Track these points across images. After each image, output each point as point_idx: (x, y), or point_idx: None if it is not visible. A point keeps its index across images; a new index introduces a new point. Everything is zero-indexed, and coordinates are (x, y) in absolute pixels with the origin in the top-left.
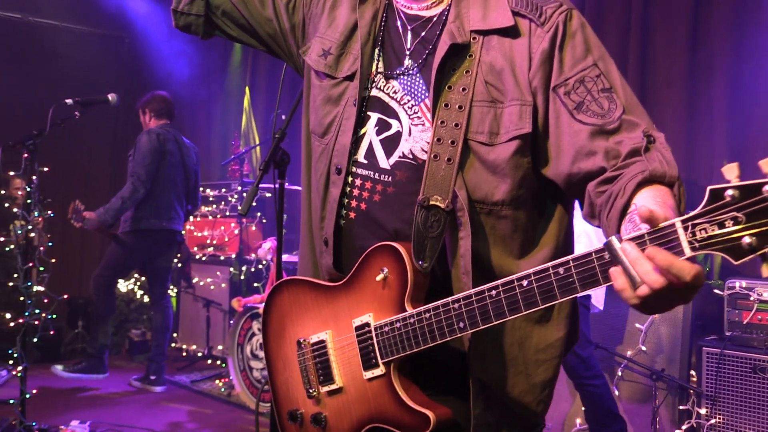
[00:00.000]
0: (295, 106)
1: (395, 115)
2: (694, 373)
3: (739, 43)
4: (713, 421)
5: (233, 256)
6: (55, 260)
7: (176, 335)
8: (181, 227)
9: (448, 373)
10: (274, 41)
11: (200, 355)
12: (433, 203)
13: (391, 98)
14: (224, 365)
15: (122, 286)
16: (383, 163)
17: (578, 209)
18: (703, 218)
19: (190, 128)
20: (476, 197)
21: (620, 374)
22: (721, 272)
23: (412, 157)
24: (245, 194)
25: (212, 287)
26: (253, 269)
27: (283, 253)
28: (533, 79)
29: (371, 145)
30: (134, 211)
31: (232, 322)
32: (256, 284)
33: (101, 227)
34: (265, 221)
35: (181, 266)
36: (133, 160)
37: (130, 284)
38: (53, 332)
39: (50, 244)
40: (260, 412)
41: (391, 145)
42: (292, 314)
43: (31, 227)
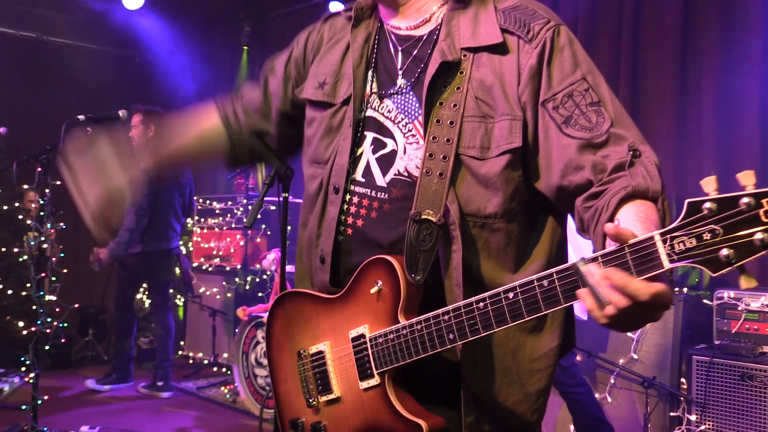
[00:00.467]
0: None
1: (390, 134)
2: (684, 380)
3: (725, 61)
4: (703, 427)
5: (238, 266)
6: (66, 270)
7: (183, 343)
8: (178, 242)
9: (441, 383)
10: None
11: (206, 362)
12: (425, 217)
13: (385, 118)
14: (229, 372)
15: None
16: (380, 181)
17: None
18: (681, 231)
19: None
20: (469, 211)
21: (613, 382)
22: (709, 283)
23: (407, 174)
24: (250, 207)
25: (218, 297)
26: (257, 279)
27: (286, 264)
28: (522, 94)
29: (368, 164)
30: (133, 237)
31: (237, 330)
32: (260, 294)
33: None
34: (269, 233)
35: (180, 276)
36: None
37: (138, 294)
38: (64, 340)
39: (62, 255)
40: (264, 418)
41: (386, 163)
42: (293, 326)
43: (43, 239)
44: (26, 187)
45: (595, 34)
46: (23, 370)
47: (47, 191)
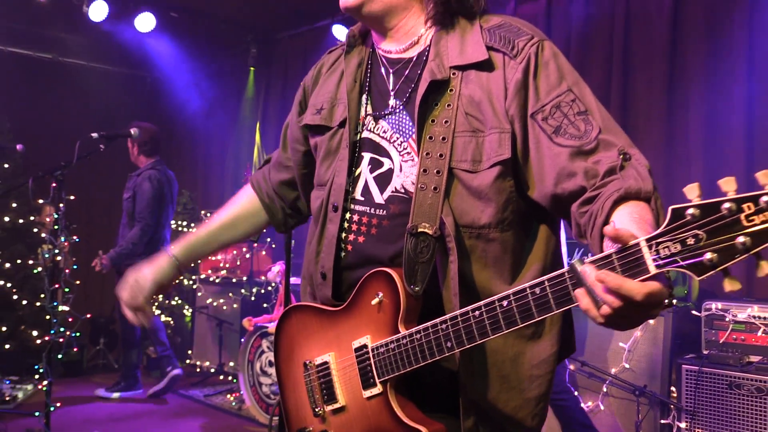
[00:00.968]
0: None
1: (386, 153)
2: (674, 389)
3: (711, 82)
4: None
5: (244, 278)
6: (79, 282)
7: (190, 352)
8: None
9: (441, 391)
10: None
11: (213, 371)
12: (421, 230)
13: (381, 138)
14: (235, 381)
15: None
16: (378, 198)
17: None
18: (666, 237)
19: (205, 159)
20: (464, 222)
21: (605, 390)
22: (698, 295)
23: (403, 191)
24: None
25: (224, 308)
26: (262, 291)
27: (291, 276)
28: (509, 107)
29: (366, 183)
30: (137, 249)
31: (243, 340)
32: (265, 305)
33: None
34: (274, 246)
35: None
36: (132, 202)
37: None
38: (76, 349)
39: (75, 267)
40: (272, 426)
41: (384, 181)
42: (299, 338)
43: (57, 251)
44: (41, 201)
45: (586, 56)
46: (37, 377)
47: (61, 206)
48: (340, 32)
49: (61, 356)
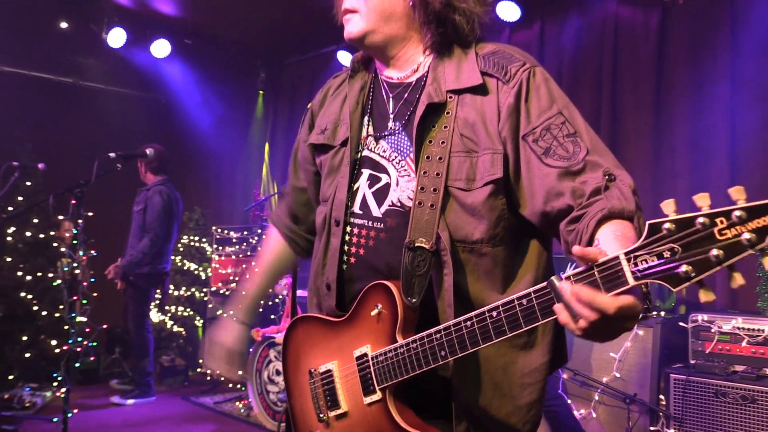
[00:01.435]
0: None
1: (384, 170)
2: (663, 397)
3: (696, 103)
4: None
5: None
6: (96, 294)
7: (201, 361)
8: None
9: (437, 398)
10: None
11: (222, 379)
12: (418, 245)
13: (381, 156)
14: (244, 389)
15: (154, 317)
16: (375, 212)
17: None
18: (643, 250)
19: (216, 177)
20: (458, 237)
21: (597, 398)
22: (686, 307)
23: (399, 205)
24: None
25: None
26: (270, 303)
27: (297, 288)
28: (502, 130)
29: (364, 197)
30: (147, 259)
31: (251, 350)
32: (272, 316)
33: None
34: None
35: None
36: (143, 215)
37: (161, 316)
38: (93, 358)
39: (92, 279)
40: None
41: (381, 195)
42: (305, 347)
43: (76, 264)
44: (61, 217)
45: (578, 80)
46: (55, 385)
47: (80, 221)
48: (344, 58)
49: (78, 364)
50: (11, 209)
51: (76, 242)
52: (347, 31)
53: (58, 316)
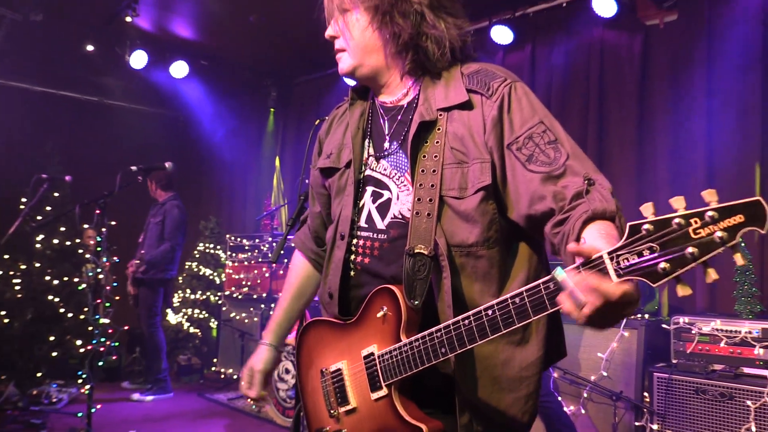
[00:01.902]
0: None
1: (386, 186)
2: (647, 394)
3: (675, 118)
4: None
5: (264, 295)
6: (118, 297)
7: (216, 360)
8: None
9: (440, 394)
10: None
11: (235, 377)
12: (418, 251)
13: (382, 174)
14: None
15: (172, 318)
16: (380, 224)
17: None
18: (625, 249)
19: (230, 188)
20: (455, 242)
21: (586, 396)
22: (669, 310)
23: (401, 217)
24: (275, 244)
25: (246, 321)
26: None
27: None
28: (488, 140)
29: (369, 212)
30: (163, 263)
31: None
32: None
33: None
34: None
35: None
36: (161, 226)
37: (179, 317)
38: (115, 357)
39: (115, 284)
40: (287, 426)
41: (384, 209)
42: (317, 349)
43: (100, 270)
44: (86, 226)
45: (567, 97)
46: (80, 382)
47: (104, 230)
48: (348, 79)
49: (101, 363)
50: (40, 218)
51: (99, 249)
52: (339, 67)
53: (82, 317)
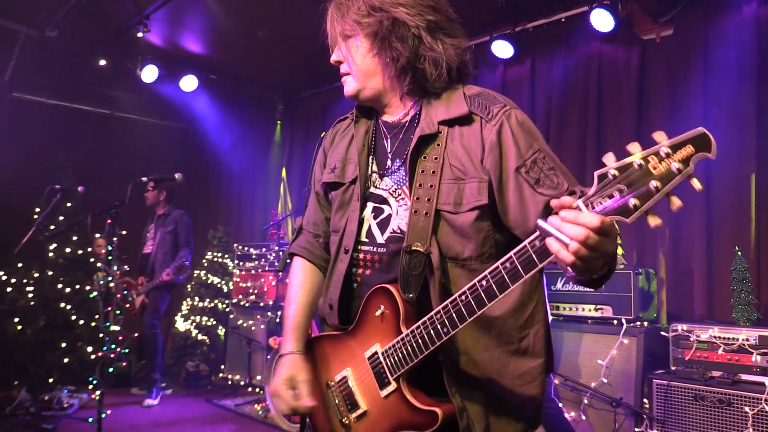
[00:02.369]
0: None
1: (386, 202)
2: (646, 401)
3: (674, 130)
4: None
5: (270, 302)
6: (128, 305)
7: (223, 367)
8: None
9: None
10: None
11: (242, 383)
12: (414, 248)
13: (383, 190)
14: (262, 392)
15: (180, 325)
16: (379, 239)
17: None
18: (596, 195)
19: (237, 199)
20: (450, 255)
21: (587, 402)
22: (667, 318)
23: (399, 231)
24: (281, 253)
25: (253, 328)
26: None
27: None
28: (485, 162)
29: (370, 227)
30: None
31: (269, 356)
32: None
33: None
34: None
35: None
36: (175, 234)
37: (187, 324)
38: (125, 363)
39: (125, 292)
40: (287, 431)
41: (384, 225)
42: (319, 365)
43: (110, 278)
44: (97, 235)
45: (566, 110)
46: (90, 388)
47: (115, 239)
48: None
49: (112, 369)
50: (53, 228)
51: (110, 258)
52: (345, 90)
53: (93, 325)
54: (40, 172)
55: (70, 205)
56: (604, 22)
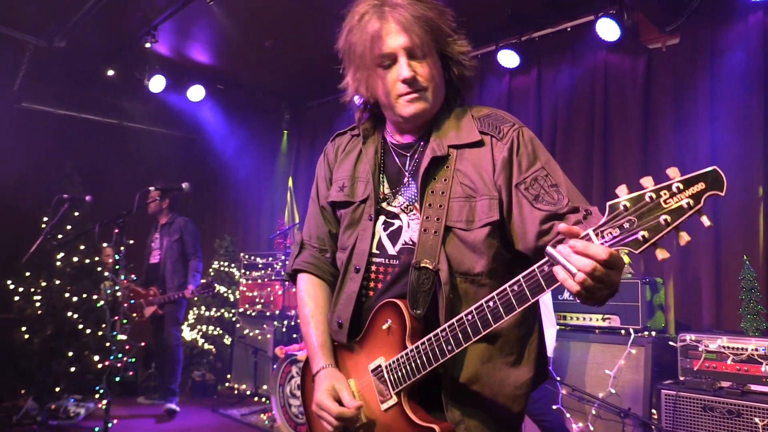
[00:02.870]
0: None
1: (397, 217)
2: (655, 411)
3: (679, 139)
4: None
5: (277, 312)
6: (135, 314)
7: (229, 376)
8: None
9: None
10: None
11: (248, 393)
12: (423, 265)
13: (395, 207)
14: (268, 402)
15: (187, 334)
16: (391, 251)
17: None
18: (607, 225)
19: (244, 208)
20: (461, 270)
21: (594, 413)
22: (675, 327)
23: (411, 243)
24: (288, 262)
25: (259, 338)
26: (293, 323)
27: None
28: (497, 179)
29: (380, 239)
30: (184, 278)
31: (275, 366)
32: (295, 335)
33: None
34: None
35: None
36: (181, 242)
37: (194, 334)
38: (132, 372)
39: (132, 301)
40: None
41: (395, 237)
42: None
43: (117, 287)
44: (105, 244)
45: (571, 120)
46: (97, 397)
47: (122, 248)
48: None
49: (118, 378)
50: (61, 237)
51: (117, 267)
52: (415, 107)
53: (100, 334)
54: (48, 181)
55: (77, 214)
56: (610, 31)
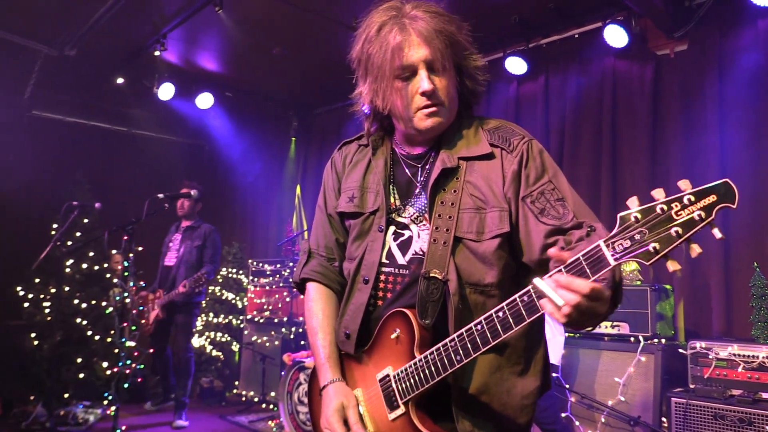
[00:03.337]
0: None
1: (407, 227)
2: (665, 419)
3: (687, 145)
4: None
5: (285, 319)
6: (144, 321)
7: (237, 383)
8: None
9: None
10: None
11: (256, 400)
12: (432, 275)
13: (404, 218)
14: (276, 409)
15: (195, 341)
16: (401, 260)
17: None
18: (618, 237)
19: (253, 215)
20: (471, 281)
21: (603, 421)
22: (685, 335)
23: (421, 253)
24: (295, 271)
25: (267, 344)
26: (300, 330)
27: None
28: (507, 191)
29: (390, 249)
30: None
31: (283, 373)
32: (302, 342)
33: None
34: None
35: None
36: (202, 249)
37: (202, 340)
38: (140, 379)
39: (141, 308)
40: None
41: (405, 246)
42: None
43: (126, 294)
44: (114, 251)
45: (579, 126)
46: (105, 403)
47: (131, 255)
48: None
49: (127, 385)
50: (70, 243)
51: (126, 274)
52: (432, 120)
53: (109, 340)
54: (57, 188)
55: (87, 221)
56: (617, 37)
